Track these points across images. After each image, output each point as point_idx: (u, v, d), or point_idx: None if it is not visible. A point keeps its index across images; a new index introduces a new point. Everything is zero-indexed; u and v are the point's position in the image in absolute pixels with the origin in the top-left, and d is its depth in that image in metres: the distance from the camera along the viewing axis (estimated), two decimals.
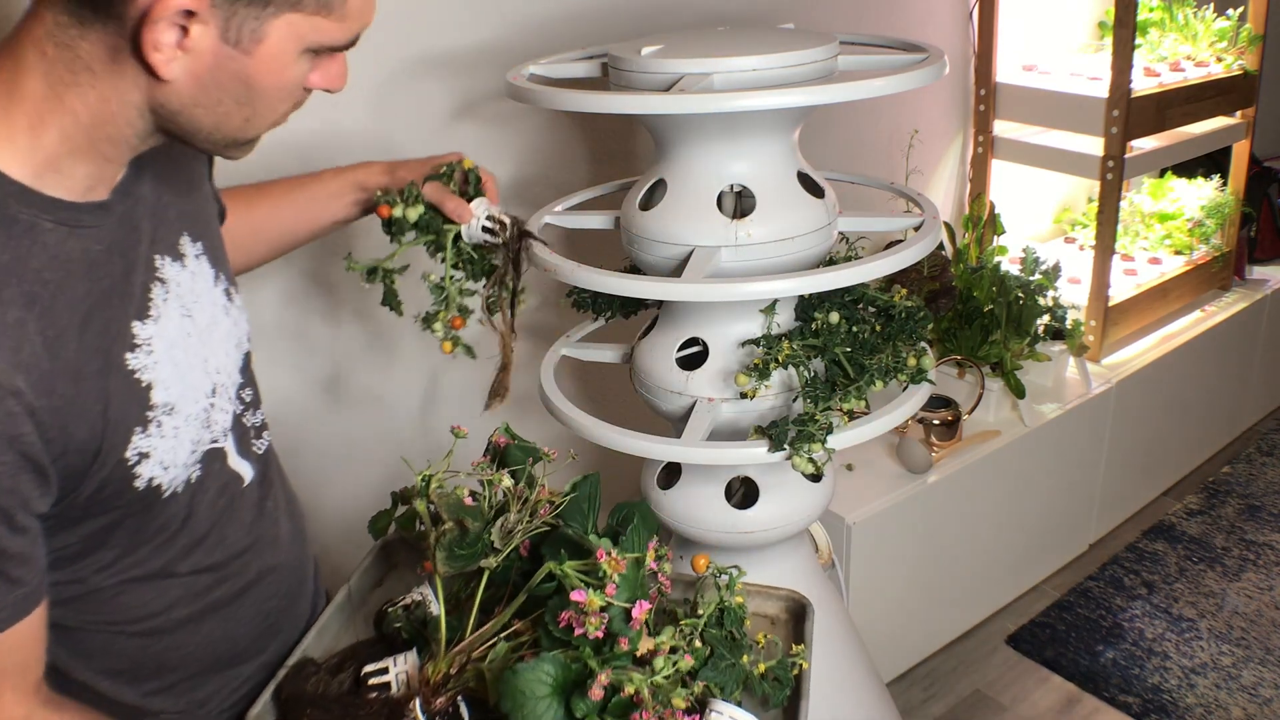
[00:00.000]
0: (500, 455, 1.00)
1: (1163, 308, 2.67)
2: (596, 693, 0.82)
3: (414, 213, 1.12)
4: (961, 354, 2.24)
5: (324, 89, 0.84)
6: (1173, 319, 2.69)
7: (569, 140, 1.90)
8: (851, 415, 1.31)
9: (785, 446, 1.26)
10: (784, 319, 1.37)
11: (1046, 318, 2.28)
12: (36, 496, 0.76)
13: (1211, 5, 2.64)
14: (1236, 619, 2.32)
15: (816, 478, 1.48)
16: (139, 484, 0.83)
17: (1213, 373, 2.77)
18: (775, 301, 1.35)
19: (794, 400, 1.37)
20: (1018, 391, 2.23)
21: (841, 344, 1.32)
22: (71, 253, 0.78)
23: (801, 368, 1.32)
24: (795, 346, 1.31)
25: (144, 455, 0.83)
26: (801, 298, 1.39)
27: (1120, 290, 2.55)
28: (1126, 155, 2.36)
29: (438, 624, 0.91)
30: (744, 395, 1.32)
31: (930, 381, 1.37)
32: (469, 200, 1.16)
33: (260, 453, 1.01)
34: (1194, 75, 2.52)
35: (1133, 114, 2.31)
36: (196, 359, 0.89)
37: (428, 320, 1.22)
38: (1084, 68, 2.51)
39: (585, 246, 1.61)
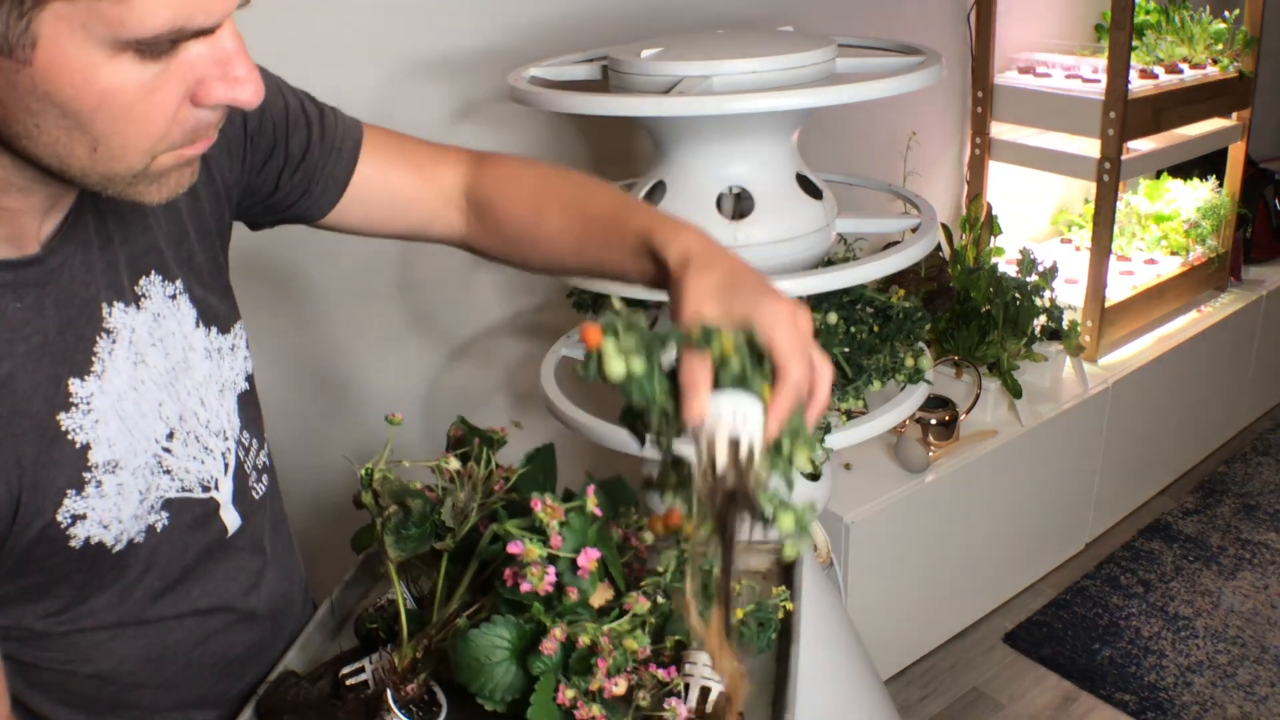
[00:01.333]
0: (458, 445, 0.98)
1: (1159, 308, 2.68)
2: (549, 646, 0.79)
3: (636, 365, 0.75)
4: (959, 354, 2.25)
5: (229, 104, 0.67)
6: (1169, 320, 2.70)
7: (569, 142, 1.91)
8: (849, 415, 1.32)
9: None
10: None
11: (1043, 318, 2.29)
12: None
13: (1208, 7, 2.65)
14: (1232, 617, 2.33)
15: (815, 477, 1.49)
16: (75, 544, 0.76)
17: (1209, 373, 2.78)
18: None
19: None
20: (1015, 391, 2.24)
21: (840, 344, 1.33)
22: None
23: None
24: None
25: (78, 517, 0.76)
26: (800, 298, 1.40)
27: (1117, 291, 2.56)
28: (1123, 157, 2.37)
29: (401, 615, 0.90)
30: None
31: (928, 381, 1.38)
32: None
33: (257, 498, 0.94)
34: (1190, 77, 2.53)
35: (1129, 116, 2.32)
36: (149, 406, 0.81)
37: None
38: (1081, 70, 2.52)
39: None
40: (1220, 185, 2.84)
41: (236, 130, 0.89)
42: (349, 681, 0.90)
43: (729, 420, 0.70)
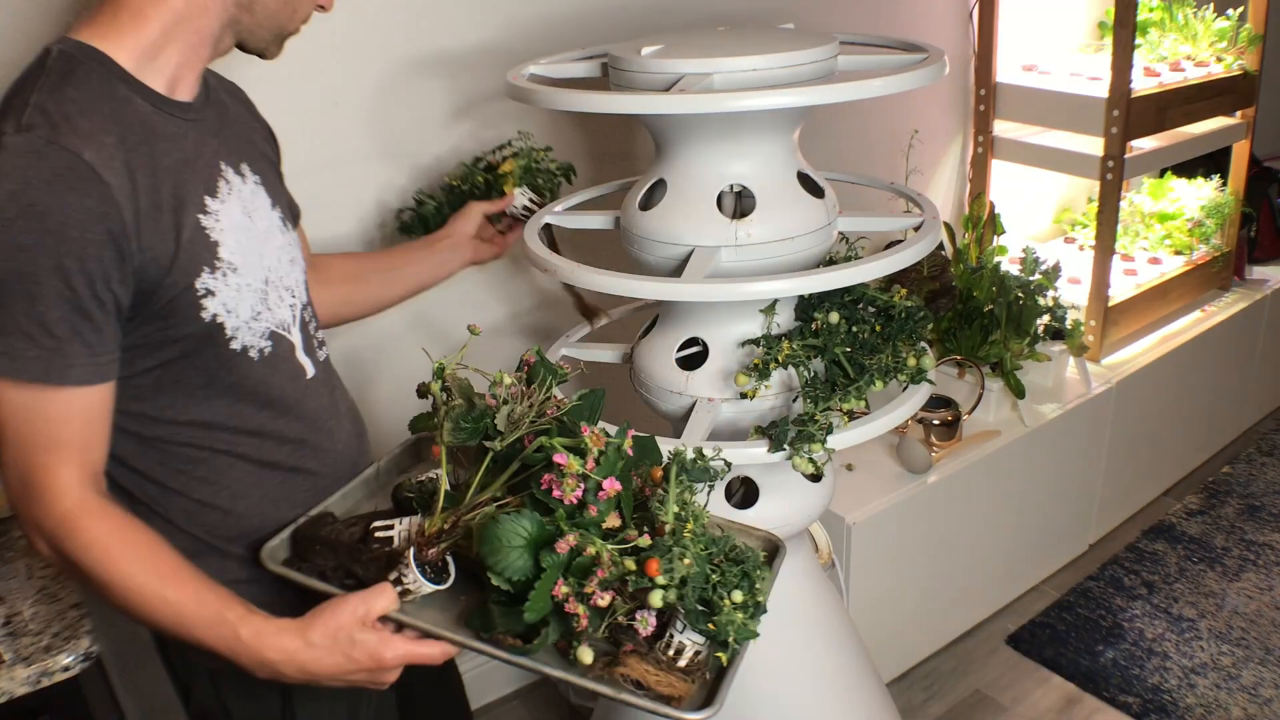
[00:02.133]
0: (528, 371, 1.10)
1: (1162, 308, 2.67)
2: (563, 546, 0.92)
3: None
4: (961, 354, 2.24)
5: (320, 5, 1.07)
6: (1173, 319, 2.69)
7: (569, 140, 1.90)
8: (851, 415, 1.31)
9: (785, 446, 1.27)
10: (784, 319, 1.37)
11: (1046, 318, 2.28)
12: (117, 278, 0.91)
13: (1211, 5, 2.64)
14: (1236, 619, 2.32)
15: (816, 478, 1.48)
16: (204, 315, 0.98)
17: (1213, 373, 2.77)
18: (775, 301, 1.35)
19: (794, 400, 1.37)
20: (1018, 392, 2.23)
21: (841, 344, 1.32)
22: (157, 126, 0.96)
23: (801, 368, 1.32)
24: (795, 346, 1.31)
25: (210, 292, 0.98)
26: (801, 298, 1.39)
27: (1120, 290, 2.55)
28: (1126, 155, 2.36)
29: (439, 489, 1.02)
30: (744, 395, 1.32)
31: (930, 382, 1.37)
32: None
33: (322, 359, 1.16)
34: (1194, 75, 2.52)
35: (1133, 114, 2.31)
36: (253, 251, 1.04)
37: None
38: (1084, 68, 2.51)
39: (585, 247, 1.61)
40: (1224, 184, 2.83)
41: (273, 140, 1.23)
42: (378, 535, 1.02)
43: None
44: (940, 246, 2.09)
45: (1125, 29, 2.24)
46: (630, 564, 0.93)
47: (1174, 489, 2.81)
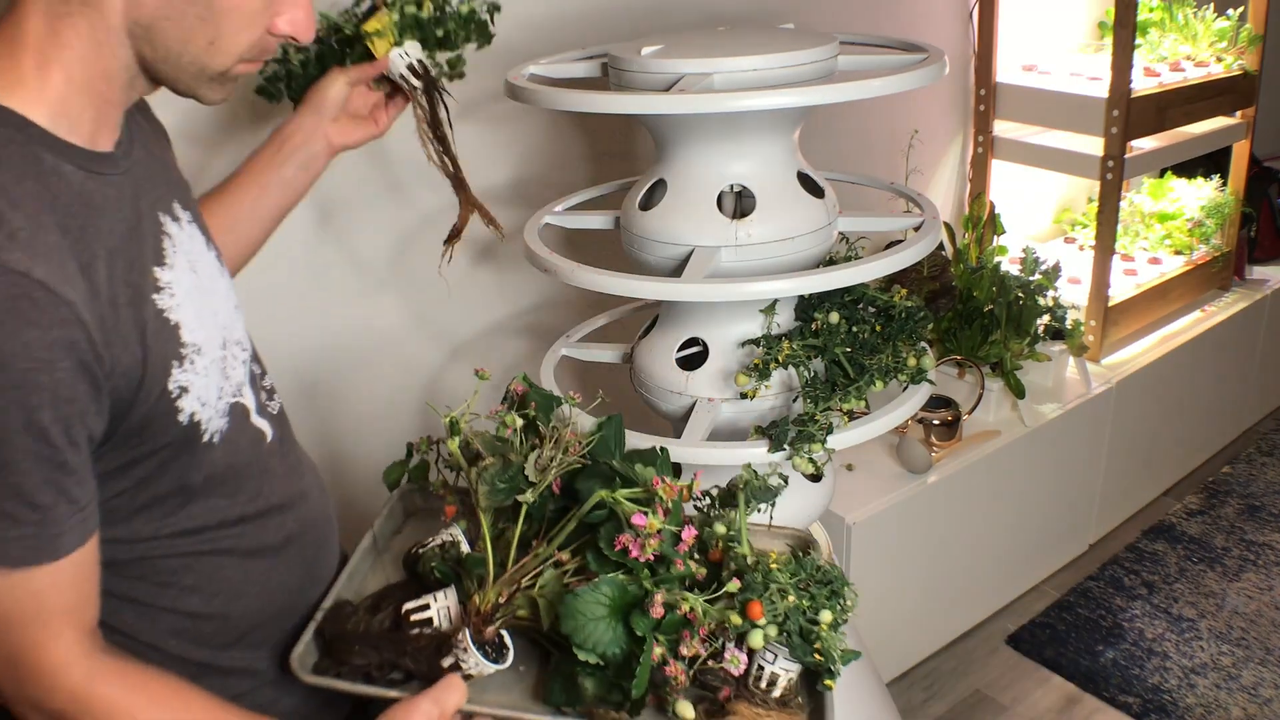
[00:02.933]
0: (519, 402, 1.04)
1: (1162, 308, 2.67)
2: (658, 610, 0.87)
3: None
4: (961, 354, 2.24)
5: (290, 36, 0.86)
6: (1173, 319, 2.69)
7: (569, 140, 1.90)
8: (851, 415, 1.31)
9: (785, 446, 1.27)
10: (784, 319, 1.37)
11: (1046, 318, 2.28)
12: (93, 412, 0.77)
13: (1211, 5, 2.64)
14: (1236, 619, 2.32)
15: (816, 478, 1.48)
16: (182, 418, 0.85)
17: (1213, 373, 2.77)
18: (775, 301, 1.35)
19: (794, 400, 1.37)
20: (1018, 391, 2.23)
21: (841, 344, 1.32)
22: (91, 195, 0.81)
23: (801, 368, 1.32)
24: (795, 346, 1.31)
25: (184, 389, 0.86)
26: (801, 298, 1.39)
27: (1120, 290, 2.55)
28: (1126, 155, 2.36)
29: (480, 558, 0.95)
30: (744, 395, 1.32)
31: (930, 381, 1.37)
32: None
33: (275, 414, 1.03)
34: (1194, 75, 2.52)
35: (1133, 114, 2.31)
36: (207, 311, 0.92)
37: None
38: (1084, 68, 2.51)
39: (585, 246, 1.61)
40: (1224, 184, 2.83)
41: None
42: (413, 618, 0.94)
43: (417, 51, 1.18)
44: (940, 247, 2.09)
45: (1125, 29, 2.24)
46: (735, 617, 0.90)
47: (1174, 489, 2.80)
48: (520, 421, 0.98)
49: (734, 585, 0.92)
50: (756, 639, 0.89)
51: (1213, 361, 2.74)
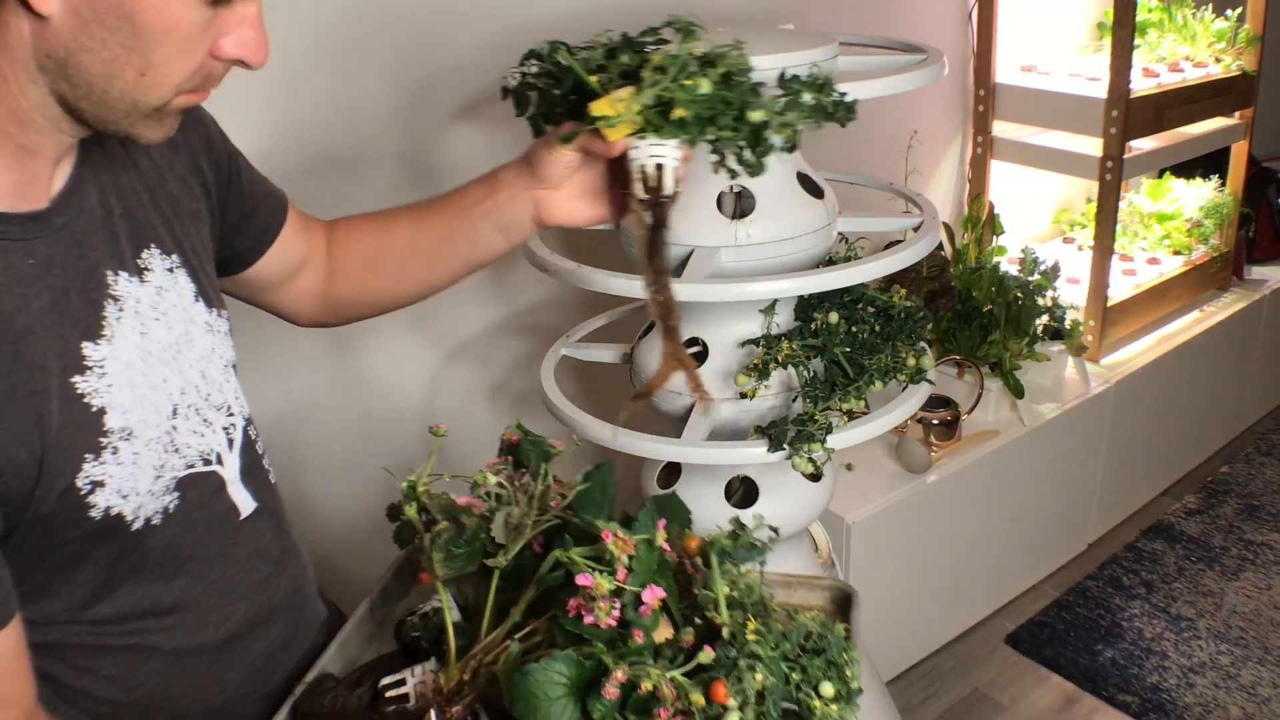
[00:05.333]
0: (513, 452, 0.94)
1: (1161, 308, 2.67)
2: (611, 691, 0.76)
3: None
4: (961, 354, 2.25)
5: (238, 60, 0.74)
6: (1171, 319, 2.70)
7: None
8: (851, 415, 1.31)
9: (785, 446, 1.27)
10: (783, 319, 1.38)
11: (1045, 318, 2.28)
12: None
13: (1210, 6, 2.65)
14: (1235, 618, 2.33)
15: (816, 477, 1.48)
16: (95, 514, 0.76)
17: (1211, 373, 2.77)
18: (775, 302, 1.35)
19: (794, 400, 1.37)
20: (1017, 391, 2.24)
21: (841, 344, 1.33)
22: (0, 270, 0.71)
23: (801, 368, 1.32)
24: (795, 346, 1.32)
25: (98, 483, 0.76)
26: (801, 298, 1.39)
27: (1119, 290, 2.55)
28: (1125, 156, 2.36)
29: (460, 628, 0.87)
30: (743, 395, 1.32)
31: (929, 381, 1.37)
32: None
33: (273, 480, 0.95)
34: (1193, 76, 2.52)
35: (1131, 114, 2.31)
36: (156, 379, 0.81)
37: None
38: (1083, 68, 2.51)
39: (585, 247, 1.61)
40: (1223, 184, 2.83)
41: (218, 145, 0.95)
42: (389, 693, 0.87)
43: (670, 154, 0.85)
44: (939, 247, 2.09)
45: (1124, 29, 2.24)
46: (698, 697, 0.77)
47: (1172, 489, 2.81)
48: (493, 479, 0.87)
49: (706, 655, 0.80)
50: None
51: (1211, 361, 2.74)
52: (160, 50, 0.69)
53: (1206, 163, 2.85)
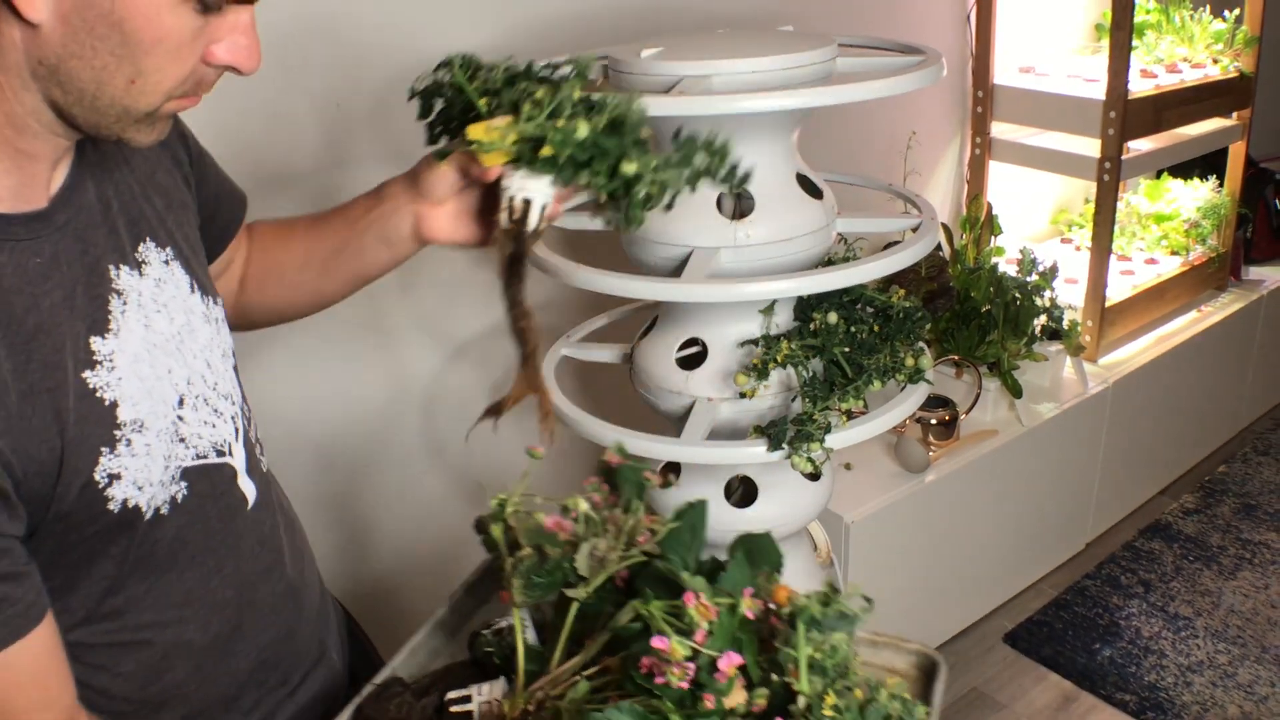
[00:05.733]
0: (610, 475, 0.89)
1: (1159, 308, 2.68)
2: None
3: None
4: (959, 354, 2.25)
5: (230, 66, 0.74)
6: (1169, 319, 2.70)
7: None
8: (850, 415, 1.32)
9: (784, 446, 1.27)
10: (783, 319, 1.38)
11: (1043, 318, 2.29)
12: (6, 519, 0.71)
13: (1208, 7, 2.65)
14: (1233, 617, 2.33)
15: (815, 477, 1.49)
16: (113, 506, 0.77)
17: (1209, 373, 2.78)
18: (774, 302, 1.36)
19: (793, 400, 1.38)
20: (1015, 391, 2.24)
21: (840, 344, 1.33)
22: (4, 272, 0.72)
23: (800, 368, 1.33)
24: (794, 346, 1.32)
25: (114, 476, 0.77)
26: (800, 298, 1.40)
27: (1117, 291, 2.56)
28: (1123, 157, 2.37)
29: (534, 652, 0.85)
30: (743, 395, 1.33)
31: (928, 381, 1.38)
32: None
33: (265, 470, 0.95)
34: (1191, 77, 2.53)
35: (1129, 116, 2.32)
36: (161, 370, 0.82)
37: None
38: (1081, 70, 2.52)
39: (585, 247, 1.62)
40: (1220, 185, 2.84)
41: (190, 140, 0.96)
42: (453, 708, 0.84)
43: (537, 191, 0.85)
44: (938, 247, 2.09)
45: (1122, 31, 2.25)
46: None
47: (1170, 488, 2.81)
48: (584, 505, 0.83)
49: None
50: None
51: (1209, 361, 2.75)
52: (150, 58, 0.69)
53: (1204, 164, 2.85)
